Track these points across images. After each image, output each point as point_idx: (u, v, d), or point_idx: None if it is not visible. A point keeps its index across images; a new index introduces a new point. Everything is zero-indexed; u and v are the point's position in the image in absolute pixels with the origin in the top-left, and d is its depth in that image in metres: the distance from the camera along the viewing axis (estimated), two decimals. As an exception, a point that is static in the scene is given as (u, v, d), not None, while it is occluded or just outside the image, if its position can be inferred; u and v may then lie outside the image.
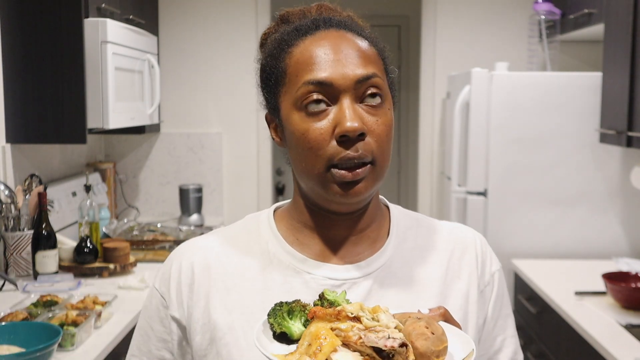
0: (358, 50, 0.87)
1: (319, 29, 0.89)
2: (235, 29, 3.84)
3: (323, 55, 0.86)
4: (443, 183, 3.81)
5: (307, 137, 0.85)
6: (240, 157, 3.93)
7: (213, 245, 0.97)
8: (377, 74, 0.87)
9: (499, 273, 1.01)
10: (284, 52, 0.90)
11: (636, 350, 1.96)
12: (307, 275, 0.91)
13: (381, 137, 0.86)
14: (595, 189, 3.05)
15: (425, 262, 0.96)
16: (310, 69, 0.85)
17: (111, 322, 2.08)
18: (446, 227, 1.02)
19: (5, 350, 1.62)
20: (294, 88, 0.87)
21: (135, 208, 3.88)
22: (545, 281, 2.66)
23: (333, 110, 0.85)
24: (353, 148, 0.84)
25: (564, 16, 3.32)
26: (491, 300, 0.99)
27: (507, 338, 1.01)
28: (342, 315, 0.74)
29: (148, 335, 0.96)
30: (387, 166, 0.89)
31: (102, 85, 2.62)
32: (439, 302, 0.93)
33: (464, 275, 0.97)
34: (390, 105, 0.90)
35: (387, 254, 0.94)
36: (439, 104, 3.88)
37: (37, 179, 2.64)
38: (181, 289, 0.94)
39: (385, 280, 0.92)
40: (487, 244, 1.03)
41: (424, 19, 3.86)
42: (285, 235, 0.95)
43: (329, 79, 0.84)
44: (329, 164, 0.85)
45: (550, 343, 2.56)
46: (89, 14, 2.62)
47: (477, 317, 0.96)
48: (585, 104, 3.01)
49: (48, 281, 2.37)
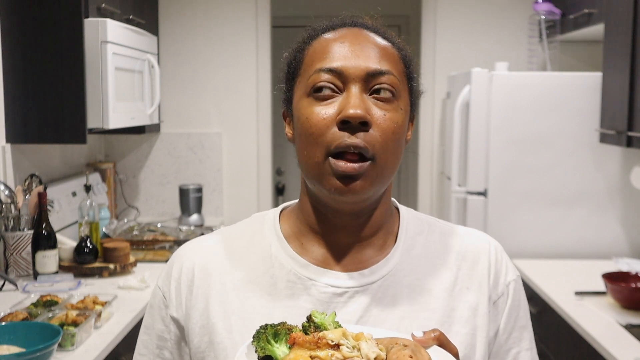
0: (377, 47, 0.86)
1: (343, 26, 0.89)
2: (236, 29, 3.84)
3: (339, 47, 0.85)
4: (443, 183, 3.81)
5: (310, 121, 0.84)
6: (240, 157, 3.93)
7: (215, 246, 0.96)
8: (392, 71, 0.85)
9: (515, 283, 0.97)
10: (305, 44, 0.90)
11: (636, 350, 1.96)
12: (308, 281, 0.89)
13: (386, 132, 0.83)
14: (595, 189, 3.05)
15: (433, 271, 0.92)
16: (324, 57, 0.85)
17: (111, 322, 2.08)
18: (460, 233, 0.97)
19: (5, 350, 1.62)
20: (306, 76, 0.86)
21: (135, 208, 3.88)
22: (545, 281, 2.66)
23: (340, 97, 0.84)
24: (354, 136, 0.82)
25: (564, 16, 3.32)
26: (505, 311, 0.94)
27: (522, 351, 0.95)
28: (322, 342, 0.71)
29: (150, 333, 0.96)
30: (390, 167, 0.86)
31: (102, 85, 2.62)
32: (446, 314, 0.89)
33: (474, 286, 0.92)
34: (405, 107, 0.87)
35: (392, 262, 0.91)
36: (439, 104, 3.88)
37: (37, 179, 2.64)
38: (181, 290, 0.93)
39: (388, 290, 0.89)
40: (503, 252, 0.98)
41: (424, 19, 3.86)
42: (290, 238, 0.93)
43: (340, 67, 0.84)
44: (327, 151, 0.83)
45: (550, 343, 2.56)
46: (89, 14, 2.62)
47: (487, 329, 0.91)
48: (585, 104, 3.01)
49: (48, 281, 2.37)
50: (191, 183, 3.80)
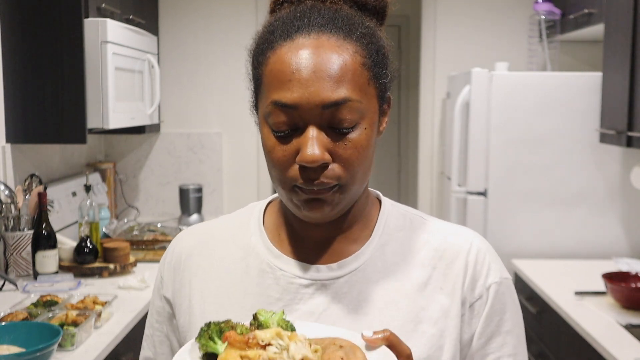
0: (334, 65, 0.81)
1: (299, 32, 0.83)
2: (235, 29, 3.84)
3: (294, 72, 0.81)
4: (443, 183, 3.81)
5: (272, 155, 0.84)
6: (240, 157, 3.93)
7: (205, 232, 1.00)
8: (349, 97, 0.81)
9: (498, 286, 0.91)
10: (263, 56, 0.86)
11: (636, 350, 1.96)
12: (279, 271, 0.91)
13: (349, 161, 0.82)
14: (595, 189, 3.05)
15: (406, 268, 0.90)
16: (279, 86, 0.82)
17: (111, 322, 2.08)
18: (443, 231, 0.95)
19: (5, 350, 1.62)
20: (265, 101, 0.85)
21: (135, 208, 3.88)
22: (545, 281, 2.66)
23: (298, 134, 0.82)
24: (314, 177, 0.82)
25: (564, 16, 3.32)
26: (483, 315, 0.90)
27: (503, 357, 0.91)
28: (254, 342, 0.73)
29: (152, 310, 1.03)
30: (357, 185, 0.86)
31: (102, 85, 2.62)
32: (414, 312, 0.88)
33: (447, 287, 0.90)
34: (368, 123, 0.84)
35: (364, 257, 0.91)
36: (439, 104, 3.88)
37: (37, 179, 2.64)
38: (171, 272, 0.99)
39: (355, 285, 0.89)
40: (488, 253, 0.93)
41: (424, 19, 3.86)
42: (269, 230, 0.96)
43: (295, 103, 0.80)
44: (291, 184, 0.84)
45: (550, 343, 2.56)
46: (89, 14, 2.62)
47: (459, 332, 0.89)
48: (585, 104, 3.01)
49: (48, 281, 2.37)
50: (191, 183, 3.80)
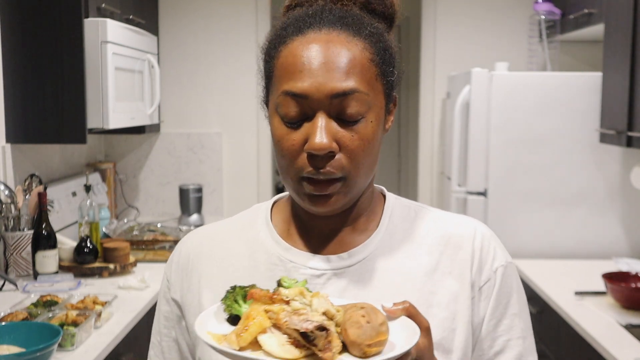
0: (343, 58, 0.85)
1: (311, 28, 0.87)
2: (236, 29, 3.84)
3: (305, 64, 0.85)
4: (443, 183, 3.81)
5: (281, 145, 0.87)
6: (240, 157, 3.93)
7: (212, 233, 1.02)
8: (357, 88, 0.84)
9: (504, 269, 0.95)
10: (275, 50, 0.90)
11: (636, 350, 1.96)
12: (289, 263, 0.93)
13: (355, 152, 0.85)
14: (595, 189, 3.05)
15: (414, 256, 0.94)
16: (290, 77, 0.85)
17: (111, 322, 2.08)
18: (447, 220, 0.98)
19: (5, 350, 1.62)
20: (275, 93, 0.88)
21: (135, 208, 3.88)
22: (545, 281, 2.66)
23: (307, 123, 0.85)
24: (321, 165, 0.85)
25: (564, 16, 3.32)
26: (492, 297, 0.94)
27: (513, 339, 0.94)
28: (277, 298, 0.76)
29: (158, 316, 1.03)
30: (363, 179, 0.89)
31: (102, 85, 2.62)
32: (424, 297, 0.91)
33: (455, 272, 0.93)
34: (377, 111, 0.88)
35: (372, 246, 0.94)
36: (439, 104, 3.88)
37: (37, 179, 2.64)
38: (179, 273, 1.00)
39: (365, 273, 0.92)
40: (492, 238, 0.97)
41: (424, 19, 3.86)
42: (278, 225, 0.98)
43: (305, 92, 0.84)
44: (299, 175, 0.86)
45: (550, 343, 2.56)
46: (89, 14, 2.62)
47: (470, 315, 0.92)
48: (585, 104, 3.01)
49: (48, 281, 2.37)
50: (191, 183, 3.80)
